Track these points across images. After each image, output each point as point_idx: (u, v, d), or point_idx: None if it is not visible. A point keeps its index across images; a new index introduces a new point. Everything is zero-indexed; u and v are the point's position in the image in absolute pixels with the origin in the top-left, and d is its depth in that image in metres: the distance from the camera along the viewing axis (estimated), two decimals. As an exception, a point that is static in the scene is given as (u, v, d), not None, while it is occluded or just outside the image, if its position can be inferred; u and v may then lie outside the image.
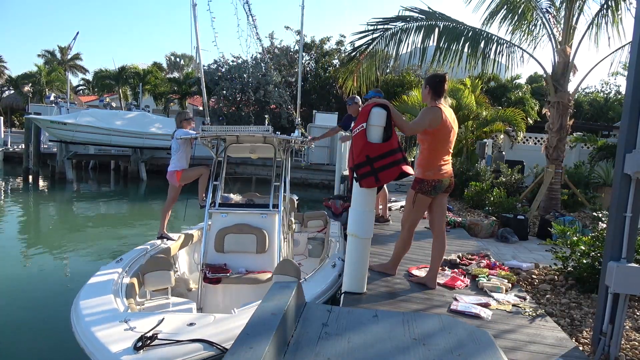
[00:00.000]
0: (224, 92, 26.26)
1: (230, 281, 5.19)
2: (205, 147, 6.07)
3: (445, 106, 3.87)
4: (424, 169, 3.88)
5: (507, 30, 8.86)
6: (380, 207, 7.00)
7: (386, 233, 6.34)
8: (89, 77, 45.13)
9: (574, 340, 3.23)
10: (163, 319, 3.17)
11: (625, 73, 3.85)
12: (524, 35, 8.95)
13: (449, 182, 3.94)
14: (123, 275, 4.53)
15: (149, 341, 2.80)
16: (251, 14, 26.05)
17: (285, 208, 6.08)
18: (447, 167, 3.92)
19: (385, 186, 5.79)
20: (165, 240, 6.00)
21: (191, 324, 3.13)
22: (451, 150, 3.94)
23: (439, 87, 3.83)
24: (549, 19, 8.63)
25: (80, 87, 47.25)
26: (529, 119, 17.97)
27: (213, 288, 5.23)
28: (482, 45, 8.19)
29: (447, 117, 3.79)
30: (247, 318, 2.85)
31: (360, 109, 5.24)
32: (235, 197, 6.20)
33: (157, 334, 2.89)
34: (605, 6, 8.15)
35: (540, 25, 8.82)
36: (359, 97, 6.80)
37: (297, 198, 8.37)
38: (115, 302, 3.71)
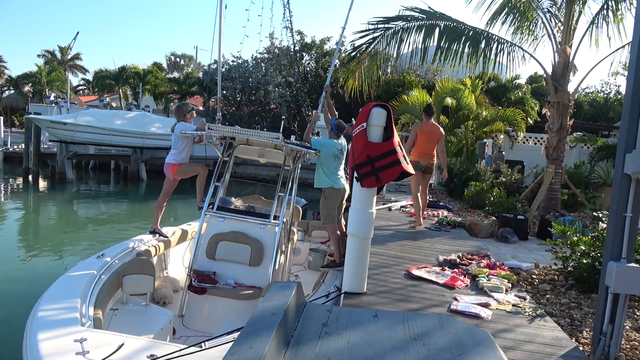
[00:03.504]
0: (224, 92, 26.27)
1: (216, 293, 4.87)
2: (212, 145, 5.79)
3: (432, 122, 6.86)
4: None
5: (508, 31, 8.89)
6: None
7: (386, 233, 6.34)
8: (89, 77, 45.26)
9: (574, 340, 3.23)
10: (123, 344, 2.90)
11: (625, 73, 3.85)
12: (524, 36, 8.96)
13: (425, 164, 6.75)
14: (100, 275, 4.23)
15: None
16: (289, 8, 25.79)
17: (287, 220, 5.77)
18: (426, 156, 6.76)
19: (342, 221, 5.50)
20: (157, 235, 5.80)
21: (151, 356, 2.81)
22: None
23: (429, 111, 6.93)
24: (550, 18, 8.63)
25: (80, 87, 47.29)
26: (529, 119, 17.93)
27: (197, 297, 4.92)
28: (482, 45, 8.20)
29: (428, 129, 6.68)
30: (217, 354, 2.63)
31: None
32: (236, 202, 5.95)
33: None
34: (605, 6, 8.16)
35: (540, 25, 8.83)
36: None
37: (304, 203, 8.01)
38: (80, 310, 3.40)
